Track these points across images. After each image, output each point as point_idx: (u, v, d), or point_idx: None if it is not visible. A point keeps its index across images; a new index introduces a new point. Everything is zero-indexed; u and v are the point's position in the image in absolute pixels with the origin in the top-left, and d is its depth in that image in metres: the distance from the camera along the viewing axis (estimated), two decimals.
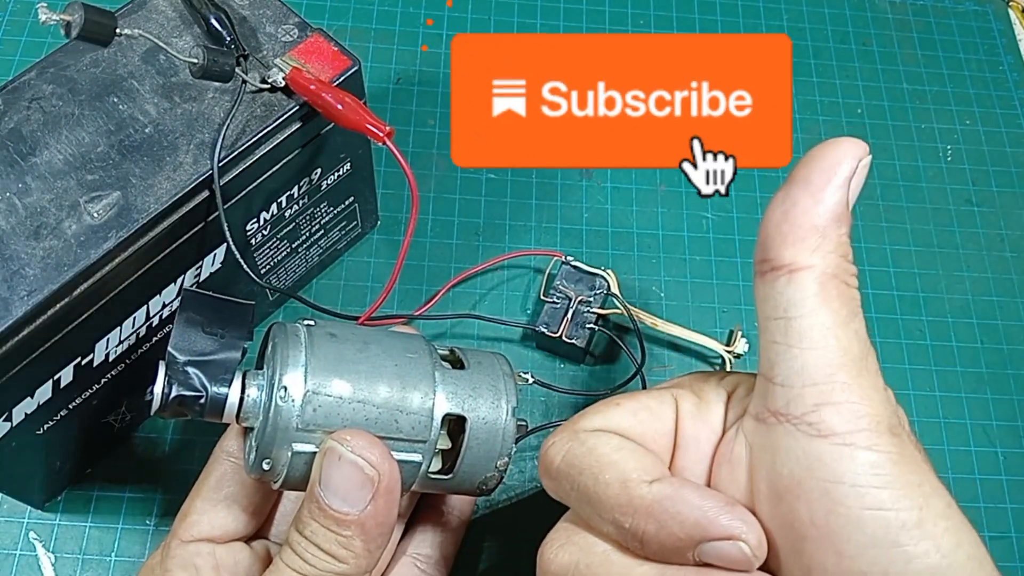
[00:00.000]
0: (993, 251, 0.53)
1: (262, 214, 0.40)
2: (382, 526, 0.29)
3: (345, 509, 0.28)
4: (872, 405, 0.25)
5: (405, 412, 0.30)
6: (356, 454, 0.28)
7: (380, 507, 0.29)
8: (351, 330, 0.32)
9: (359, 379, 0.30)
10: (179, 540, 0.32)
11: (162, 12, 0.38)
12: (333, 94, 0.36)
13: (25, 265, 0.32)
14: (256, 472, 0.30)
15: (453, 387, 0.31)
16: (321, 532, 0.29)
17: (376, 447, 0.29)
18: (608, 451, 0.28)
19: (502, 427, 0.32)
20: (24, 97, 0.36)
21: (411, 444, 0.30)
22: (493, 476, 0.32)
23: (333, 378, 0.29)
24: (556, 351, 0.48)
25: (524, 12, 0.59)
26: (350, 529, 0.29)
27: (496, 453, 0.32)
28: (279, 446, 0.29)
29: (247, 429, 0.31)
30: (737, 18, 0.61)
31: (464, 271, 0.49)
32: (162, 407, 0.29)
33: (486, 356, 0.34)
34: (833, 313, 0.26)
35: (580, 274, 0.47)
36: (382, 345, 0.31)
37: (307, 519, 0.29)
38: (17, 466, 0.38)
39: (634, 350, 0.47)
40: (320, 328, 0.31)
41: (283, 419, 0.29)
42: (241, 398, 0.29)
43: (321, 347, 0.30)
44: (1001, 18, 0.62)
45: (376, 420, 0.30)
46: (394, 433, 0.30)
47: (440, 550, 0.35)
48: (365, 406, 0.29)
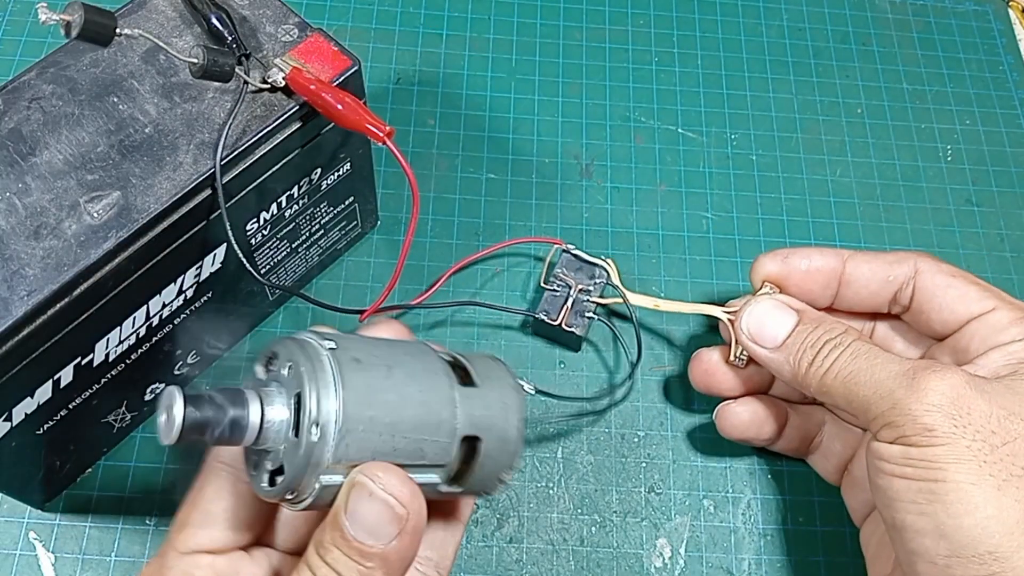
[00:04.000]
0: (993, 251, 0.53)
1: (262, 214, 0.40)
2: (404, 560, 0.29)
3: (371, 542, 0.28)
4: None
5: (430, 439, 0.30)
6: (388, 492, 0.28)
7: (406, 543, 0.29)
8: (371, 351, 0.31)
9: (389, 410, 0.29)
10: (177, 552, 0.32)
11: (162, 12, 0.38)
12: (333, 94, 0.36)
13: (25, 265, 0.32)
14: (276, 497, 0.29)
15: (470, 408, 0.31)
16: (343, 560, 0.28)
17: (406, 485, 0.29)
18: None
19: (512, 442, 0.32)
20: (24, 97, 0.36)
21: (432, 468, 0.30)
22: (498, 484, 0.32)
23: (365, 411, 0.29)
24: (555, 338, 0.48)
25: (524, 12, 0.59)
26: (373, 561, 0.28)
27: (505, 466, 0.32)
28: (308, 479, 0.28)
29: (256, 449, 0.31)
30: (737, 18, 0.61)
31: (462, 259, 0.49)
32: (182, 435, 0.28)
33: (491, 367, 0.33)
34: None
35: (580, 263, 0.47)
36: (405, 369, 0.31)
37: (329, 545, 0.29)
38: (17, 466, 0.38)
39: (630, 340, 0.47)
40: (343, 352, 0.30)
41: (316, 456, 0.28)
42: (262, 422, 0.28)
43: (350, 376, 0.29)
44: (1001, 18, 0.62)
45: (403, 449, 0.29)
46: (418, 460, 0.30)
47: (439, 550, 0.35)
48: (394, 437, 0.29)
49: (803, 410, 0.44)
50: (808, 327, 0.39)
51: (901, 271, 0.40)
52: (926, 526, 0.32)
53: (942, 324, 0.39)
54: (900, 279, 0.40)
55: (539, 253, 0.50)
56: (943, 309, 0.39)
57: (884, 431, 0.34)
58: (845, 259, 0.41)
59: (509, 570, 0.43)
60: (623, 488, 0.45)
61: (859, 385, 0.35)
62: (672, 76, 0.58)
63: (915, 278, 0.40)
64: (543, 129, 0.55)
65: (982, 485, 0.32)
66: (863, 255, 0.41)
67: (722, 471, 0.46)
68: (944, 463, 0.32)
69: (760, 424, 0.42)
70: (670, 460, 0.46)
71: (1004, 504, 0.31)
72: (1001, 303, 0.38)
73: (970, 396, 0.33)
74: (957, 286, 0.39)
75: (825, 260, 0.41)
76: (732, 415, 0.43)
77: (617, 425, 0.46)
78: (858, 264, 0.41)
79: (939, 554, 0.32)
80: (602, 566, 0.43)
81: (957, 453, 0.32)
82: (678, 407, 0.47)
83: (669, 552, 0.44)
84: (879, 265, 0.41)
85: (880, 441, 0.34)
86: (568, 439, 0.46)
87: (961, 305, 0.38)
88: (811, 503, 0.45)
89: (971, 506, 0.31)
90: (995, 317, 0.37)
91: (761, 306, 0.41)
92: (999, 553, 0.31)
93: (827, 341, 0.38)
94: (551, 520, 0.44)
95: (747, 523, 0.45)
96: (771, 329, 0.40)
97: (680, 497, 0.45)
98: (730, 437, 0.43)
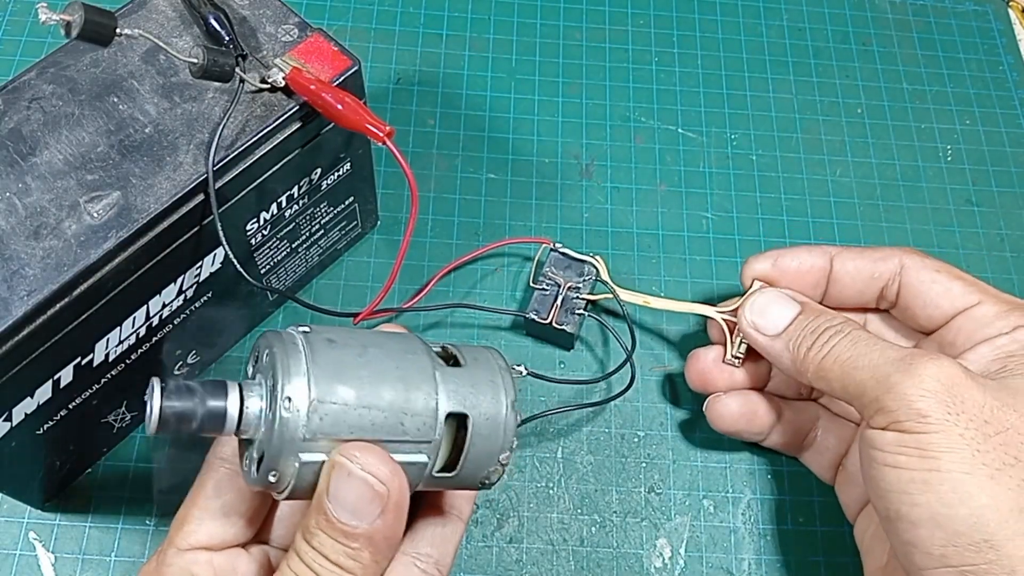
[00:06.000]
0: (993, 251, 0.53)
1: (262, 214, 0.40)
2: (390, 539, 0.29)
3: (354, 523, 0.28)
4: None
5: (410, 414, 0.30)
6: (366, 471, 0.28)
7: (389, 521, 0.29)
8: (348, 334, 0.31)
9: (362, 384, 0.29)
10: (176, 548, 0.32)
11: (162, 12, 0.38)
12: (333, 94, 0.36)
13: (25, 265, 0.32)
14: (261, 484, 0.29)
15: (454, 385, 0.31)
16: (329, 543, 0.29)
17: (386, 463, 0.29)
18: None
19: (503, 421, 0.32)
20: (24, 97, 0.36)
21: (416, 445, 0.30)
22: (496, 470, 0.32)
23: (337, 385, 0.29)
24: (546, 337, 0.48)
25: (524, 12, 0.59)
26: (358, 541, 0.29)
27: (498, 448, 0.32)
28: (286, 457, 0.28)
29: (244, 440, 0.31)
30: (737, 18, 0.61)
31: (453, 261, 0.49)
32: (160, 424, 0.28)
33: (480, 351, 0.33)
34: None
35: (568, 260, 0.47)
36: (381, 348, 0.31)
37: (315, 529, 0.29)
38: (17, 466, 0.38)
39: (624, 335, 0.47)
40: (317, 334, 0.30)
41: (289, 430, 0.28)
42: (240, 410, 0.29)
43: (321, 354, 0.29)
44: (1001, 18, 0.62)
45: (382, 424, 0.29)
46: (399, 436, 0.30)
47: (439, 548, 0.35)
48: (370, 411, 0.29)
49: (797, 406, 0.44)
50: (809, 316, 0.39)
51: (886, 267, 0.41)
52: (920, 516, 0.32)
53: (928, 319, 0.40)
54: (886, 276, 0.41)
55: (528, 253, 0.50)
56: (928, 305, 0.39)
57: (878, 417, 0.34)
58: (832, 256, 0.42)
59: (509, 570, 0.43)
60: (623, 488, 0.45)
61: (856, 369, 0.36)
62: (672, 76, 0.58)
63: (900, 274, 0.40)
64: (543, 129, 0.55)
65: (976, 474, 0.32)
66: (850, 252, 0.42)
67: (722, 471, 0.46)
68: (937, 451, 0.32)
69: (751, 417, 0.43)
70: (670, 460, 0.46)
71: (998, 493, 0.32)
72: (986, 296, 0.38)
73: (965, 384, 0.33)
74: (941, 281, 0.39)
75: (813, 258, 0.42)
76: (721, 406, 0.43)
77: (617, 425, 0.46)
78: (845, 261, 0.41)
79: (934, 544, 0.32)
80: (602, 566, 0.43)
81: (951, 441, 0.32)
82: (678, 407, 0.47)
83: (669, 552, 0.44)
84: (865, 262, 0.41)
85: (874, 428, 0.34)
86: (568, 439, 0.46)
87: (946, 300, 0.39)
88: (811, 503, 0.45)
89: (965, 495, 0.32)
90: (980, 311, 0.38)
91: (765, 296, 0.41)
92: (994, 541, 0.31)
93: (827, 328, 0.38)
94: (551, 520, 0.44)
95: (747, 523, 0.45)
96: (773, 318, 0.40)
97: (680, 497, 0.45)
98: (720, 429, 0.43)
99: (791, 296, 0.41)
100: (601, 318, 0.48)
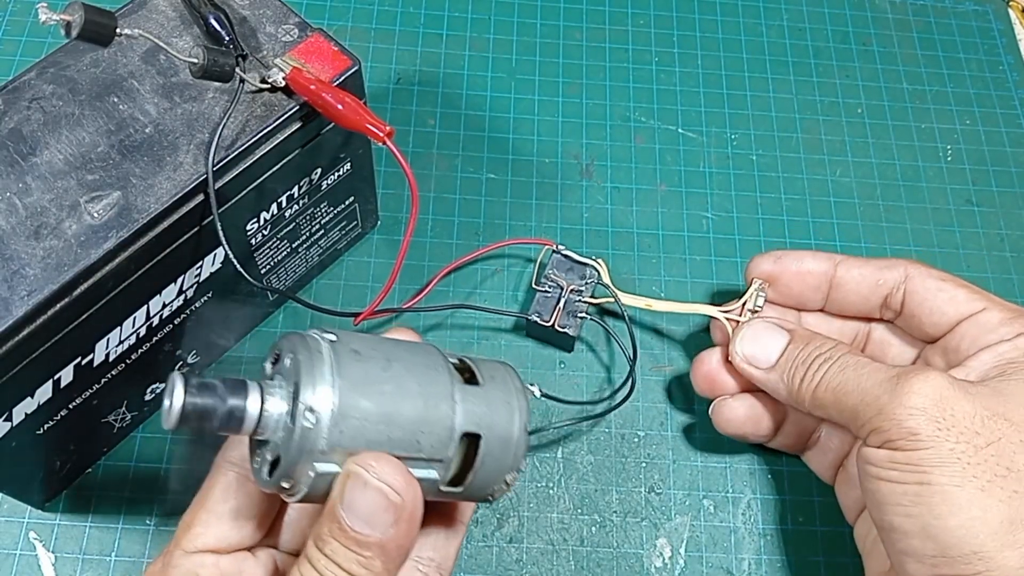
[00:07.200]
0: (993, 251, 0.53)
1: (262, 214, 0.40)
2: (402, 548, 0.29)
3: (367, 531, 0.28)
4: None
5: (426, 432, 0.30)
6: (382, 481, 0.28)
7: (403, 530, 0.29)
8: (372, 346, 0.31)
9: (384, 400, 0.29)
10: (182, 551, 0.32)
11: (162, 12, 0.38)
12: (333, 94, 0.36)
13: (25, 265, 0.32)
14: (273, 487, 0.29)
15: (471, 405, 0.31)
16: (342, 551, 0.29)
17: (401, 474, 0.29)
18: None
19: (514, 443, 0.32)
20: (24, 97, 0.36)
21: (429, 462, 0.30)
22: (501, 488, 0.32)
23: (360, 399, 0.29)
24: (547, 339, 0.48)
25: (524, 12, 0.59)
26: (371, 550, 0.29)
27: (507, 467, 0.32)
28: (302, 466, 0.28)
29: (258, 440, 0.31)
30: (737, 18, 0.61)
31: (453, 261, 0.49)
32: (181, 420, 0.28)
33: (497, 369, 0.33)
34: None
35: (571, 263, 0.47)
36: (404, 363, 0.31)
37: (327, 537, 0.29)
38: (17, 466, 0.38)
39: (624, 338, 0.47)
40: (343, 344, 0.30)
41: (309, 441, 0.28)
42: (260, 411, 0.29)
43: (347, 366, 0.29)
44: (1001, 18, 0.62)
45: (399, 440, 0.29)
46: (414, 452, 0.30)
47: (441, 552, 0.35)
48: (390, 427, 0.29)
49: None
50: (799, 345, 0.40)
51: (891, 276, 0.41)
52: (913, 527, 0.33)
53: (933, 326, 0.40)
54: (890, 284, 0.41)
55: (531, 255, 0.50)
56: (933, 312, 0.40)
57: (872, 437, 0.35)
58: (837, 263, 0.42)
59: (509, 570, 0.43)
60: (623, 488, 0.45)
61: (847, 395, 0.36)
62: (672, 76, 0.58)
63: (905, 283, 0.41)
64: (543, 129, 0.55)
65: (966, 487, 0.32)
66: (854, 260, 0.42)
67: (722, 471, 0.46)
68: (928, 466, 0.33)
69: (757, 420, 0.43)
70: (670, 460, 0.46)
71: (988, 505, 0.32)
72: (991, 304, 0.39)
73: (953, 397, 0.34)
74: (947, 288, 0.40)
75: (817, 263, 0.43)
76: (728, 410, 0.43)
77: (617, 425, 0.46)
78: (849, 268, 0.42)
79: (926, 554, 0.33)
80: (602, 566, 0.43)
81: (941, 456, 0.33)
82: (678, 407, 0.47)
83: (669, 552, 0.44)
84: (870, 270, 0.42)
85: (868, 446, 0.35)
86: (568, 439, 0.46)
87: (951, 307, 0.39)
88: (811, 503, 0.45)
89: (955, 507, 0.32)
90: (985, 317, 0.38)
91: (753, 329, 0.42)
92: (984, 553, 0.32)
93: (816, 356, 0.39)
94: (551, 520, 0.44)
95: (747, 523, 0.45)
96: (764, 351, 0.41)
97: (680, 497, 0.45)
98: (726, 433, 0.43)
99: (778, 324, 0.42)
100: (603, 322, 0.48)
